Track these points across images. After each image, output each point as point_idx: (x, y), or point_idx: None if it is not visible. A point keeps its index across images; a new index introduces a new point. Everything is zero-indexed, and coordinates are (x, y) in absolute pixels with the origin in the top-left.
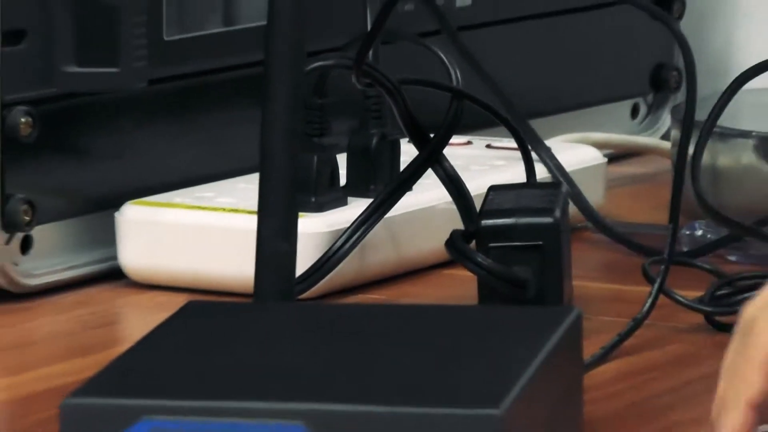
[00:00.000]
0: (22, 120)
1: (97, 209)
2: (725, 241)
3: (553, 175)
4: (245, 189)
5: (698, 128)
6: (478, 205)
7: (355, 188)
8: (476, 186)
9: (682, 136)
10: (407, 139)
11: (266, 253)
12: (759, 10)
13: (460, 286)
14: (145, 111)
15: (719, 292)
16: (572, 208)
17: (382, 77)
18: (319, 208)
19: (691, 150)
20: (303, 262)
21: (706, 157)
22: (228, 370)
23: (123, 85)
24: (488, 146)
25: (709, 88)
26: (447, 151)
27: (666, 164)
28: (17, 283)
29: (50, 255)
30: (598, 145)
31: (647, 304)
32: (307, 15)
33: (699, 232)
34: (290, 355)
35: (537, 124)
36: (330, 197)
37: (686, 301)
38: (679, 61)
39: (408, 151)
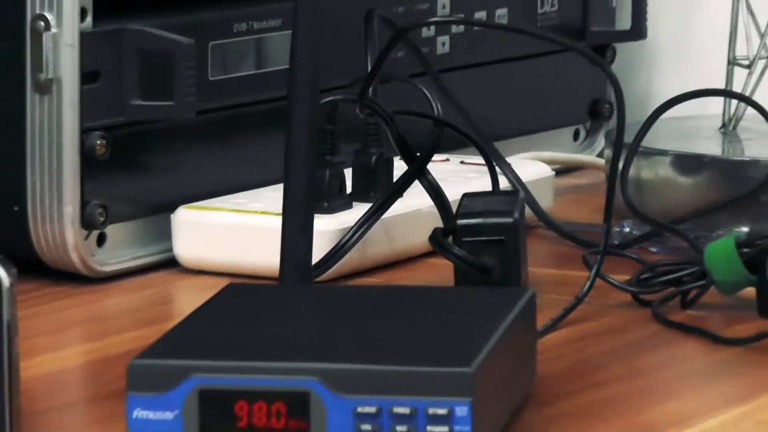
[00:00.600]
0: (98, 142)
1: (157, 212)
2: (648, 236)
3: (513, 185)
4: (272, 196)
5: (626, 148)
6: (454, 208)
7: (359, 195)
8: (453, 193)
9: (613, 155)
10: (399, 157)
11: (289, 246)
12: (672, 56)
13: (440, 272)
14: (194, 135)
15: (643, 276)
16: (528, 211)
17: (380, 109)
18: (330, 211)
19: (620, 165)
20: (317, 253)
21: (632, 171)
22: (259, 338)
23: (177, 115)
24: (462, 162)
25: (634, 117)
26: (430, 167)
27: (601, 177)
28: (94, 270)
29: (120, 248)
30: (548, 162)
31: (586, 286)
32: (320, 60)
33: (627, 229)
34: (307, 326)
35: (500, 145)
36: (338, 202)
37: (617, 283)
38: (611, 96)
39: (400, 167)
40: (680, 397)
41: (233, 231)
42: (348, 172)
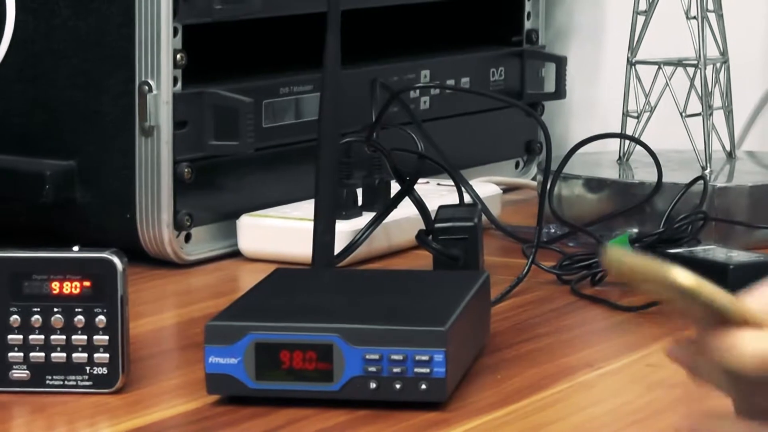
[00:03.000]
0: (186, 170)
1: (227, 218)
2: (567, 235)
3: (473, 200)
4: (307, 207)
5: (551, 174)
6: (433, 216)
7: (367, 207)
8: (432, 205)
9: (543, 179)
10: (395, 180)
11: (318, 241)
12: (583, 110)
13: (423, 260)
14: (253, 165)
15: (564, 263)
16: (483, 218)
17: (381, 147)
18: (347, 217)
19: (548, 186)
20: (338, 247)
21: (555, 190)
22: (297, 305)
23: (241, 151)
24: (438, 184)
25: (556, 153)
26: (416, 187)
27: (533, 194)
28: (182, 258)
29: (201, 243)
30: (497, 183)
31: (525, 270)
32: (339, 113)
33: (552, 230)
34: (331, 297)
35: (464, 172)
36: (353, 212)
37: (546, 268)
38: (541, 138)
39: (395, 187)
40: (590, 347)
41: (280, 231)
42: (359, 191)
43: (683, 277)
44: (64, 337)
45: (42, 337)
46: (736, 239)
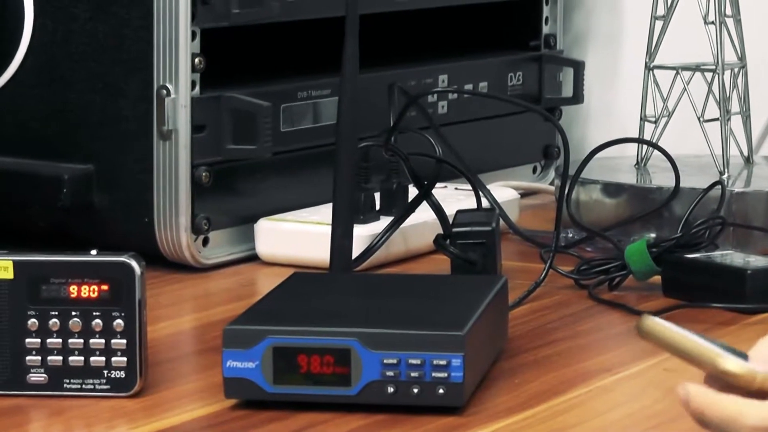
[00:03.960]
0: (204, 174)
1: (245, 222)
2: (584, 240)
3: (491, 204)
4: (325, 211)
5: (569, 179)
6: (451, 220)
7: (384, 211)
8: (450, 210)
9: (561, 183)
10: (412, 185)
11: (336, 245)
12: (601, 115)
13: (440, 265)
14: (271, 169)
15: (582, 267)
16: (501, 222)
17: (399, 151)
18: (365, 222)
19: (565, 190)
20: (356, 251)
21: (573, 194)
22: (315, 310)
23: (258, 155)
24: (456, 188)
25: (574, 157)
26: (434, 192)
27: (551, 198)
28: (200, 262)
29: (219, 247)
30: (514, 188)
31: (543, 274)
32: (357, 117)
33: (570, 235)
34: (349, 301)
35: (482, 177)
36: (370, 216)
37: (563, 272)
38: (559, 142)
39: (413, 191)
40: (608, 352)
41: (298, 235)
42: (377, 195)
43: (735, 366)
44: (81, 340)
45: (60, 340)
46: (754, 244)
